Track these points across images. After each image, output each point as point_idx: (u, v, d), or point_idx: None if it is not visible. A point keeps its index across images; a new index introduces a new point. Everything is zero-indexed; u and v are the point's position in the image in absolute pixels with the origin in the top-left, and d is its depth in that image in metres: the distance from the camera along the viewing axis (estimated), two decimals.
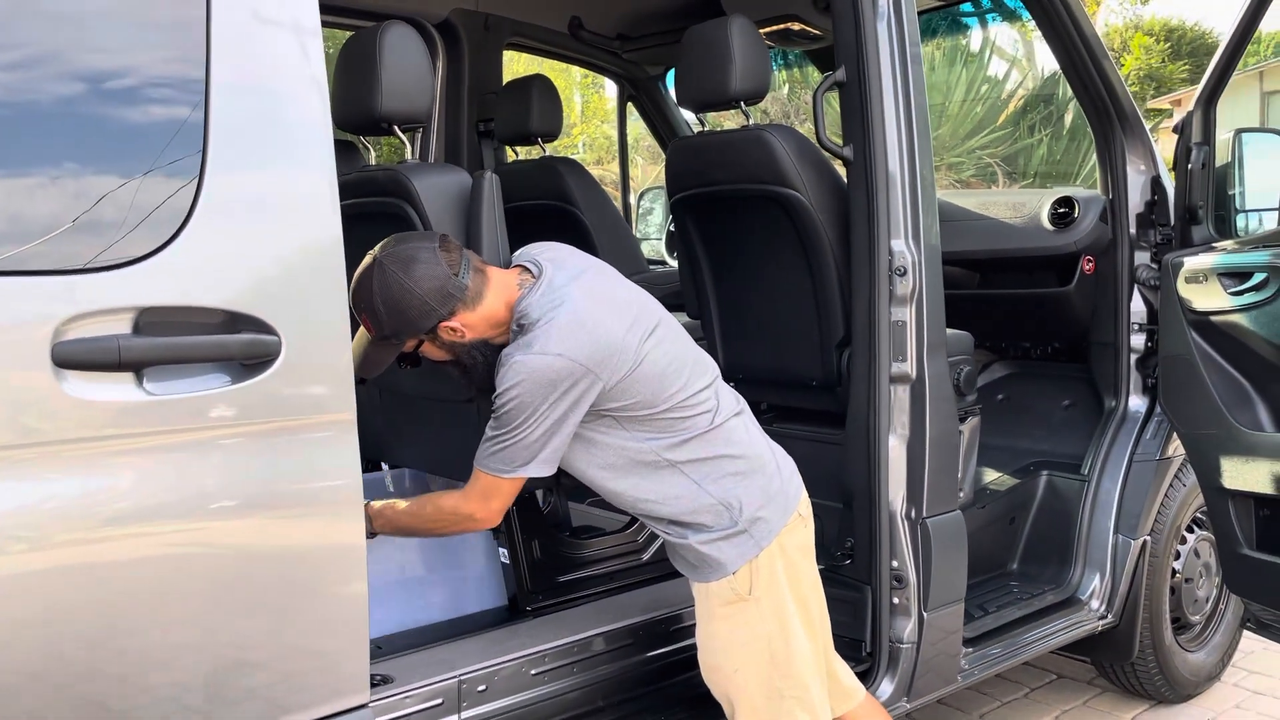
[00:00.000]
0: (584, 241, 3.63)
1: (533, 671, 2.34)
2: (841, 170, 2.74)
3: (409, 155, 2.34)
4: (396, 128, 2.29)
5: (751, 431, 2.19)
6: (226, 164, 1.44)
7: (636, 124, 4.75)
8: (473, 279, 2.02)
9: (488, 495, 2.06)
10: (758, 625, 2.12)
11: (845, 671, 2.37)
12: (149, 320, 1.37)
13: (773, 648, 2.12)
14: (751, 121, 2.78)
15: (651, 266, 3.88)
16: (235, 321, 1.44)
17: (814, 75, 4.60)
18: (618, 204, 4.73)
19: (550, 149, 3.73)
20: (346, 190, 2.46)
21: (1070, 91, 3.50)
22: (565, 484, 2.49)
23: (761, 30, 3.89)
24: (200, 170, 1.41)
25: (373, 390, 2.67)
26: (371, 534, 2.14)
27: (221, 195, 1.43)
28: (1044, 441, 3.62)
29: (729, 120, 3.51)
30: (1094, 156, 3.45)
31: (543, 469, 2.03)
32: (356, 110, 2.29)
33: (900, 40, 2.57)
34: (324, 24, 2.29)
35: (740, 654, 2.14)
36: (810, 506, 2.26)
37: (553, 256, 2.15)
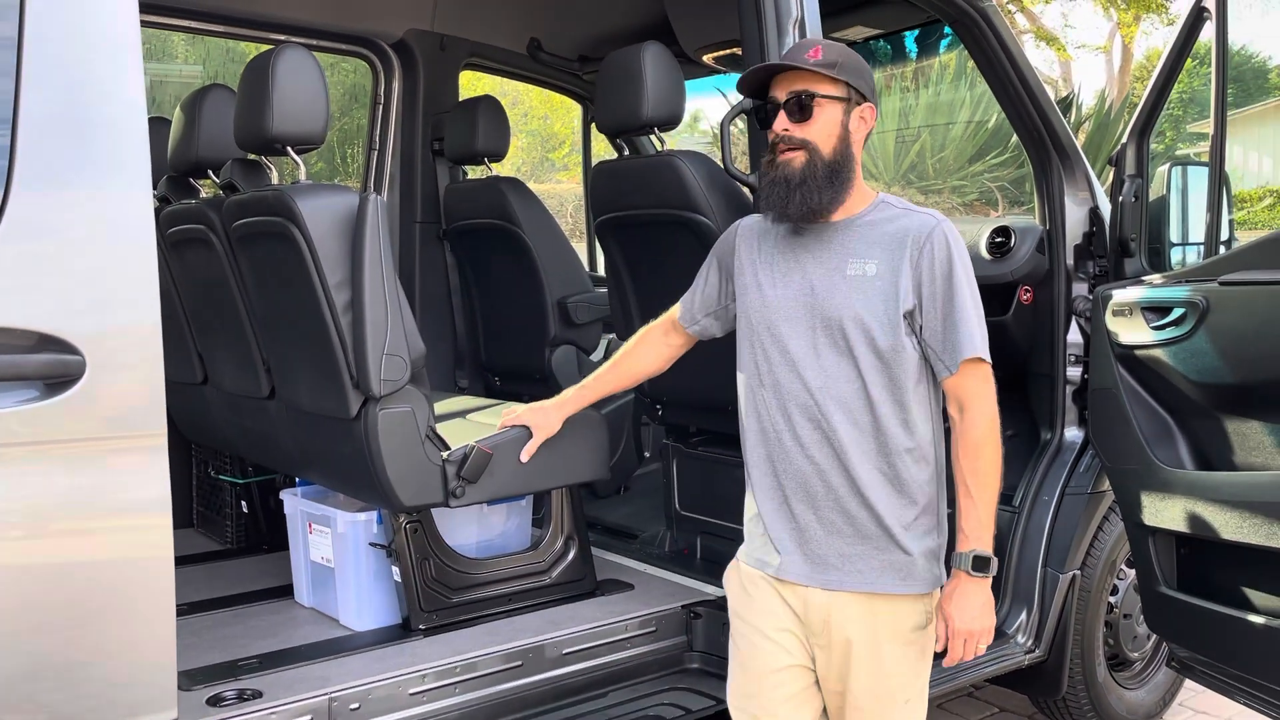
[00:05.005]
0: (526, 260, 3.66)
1: (411, 691, 2.35)
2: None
3: (302, 176, 2.38)
4: (290, 149, 2.33)
5: None
6: (33, 184, 1.47)
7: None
8: None
9: (990, 382, 2.00)
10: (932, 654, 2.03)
11: None
12: None
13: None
14: (665, 147, 2.79)
15: (598, 288, 3.89)
16: (40, 341, 1.48)
17: None
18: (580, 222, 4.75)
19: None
20: (240, 210, 2.53)
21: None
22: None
23: (712, 55, 3.94)
24: (4, 191, 1.44)
25: (280, 407, 2.71)
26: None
27: (26, 215, 1.46)
28: None
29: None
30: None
31: None
32: (252, 132, 2.34)
33: None
34: (276, 43, 2.35)
35: (917, 684, 2.04)
36: None
37: None
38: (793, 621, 2.02)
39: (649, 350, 2.36)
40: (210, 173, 2.82)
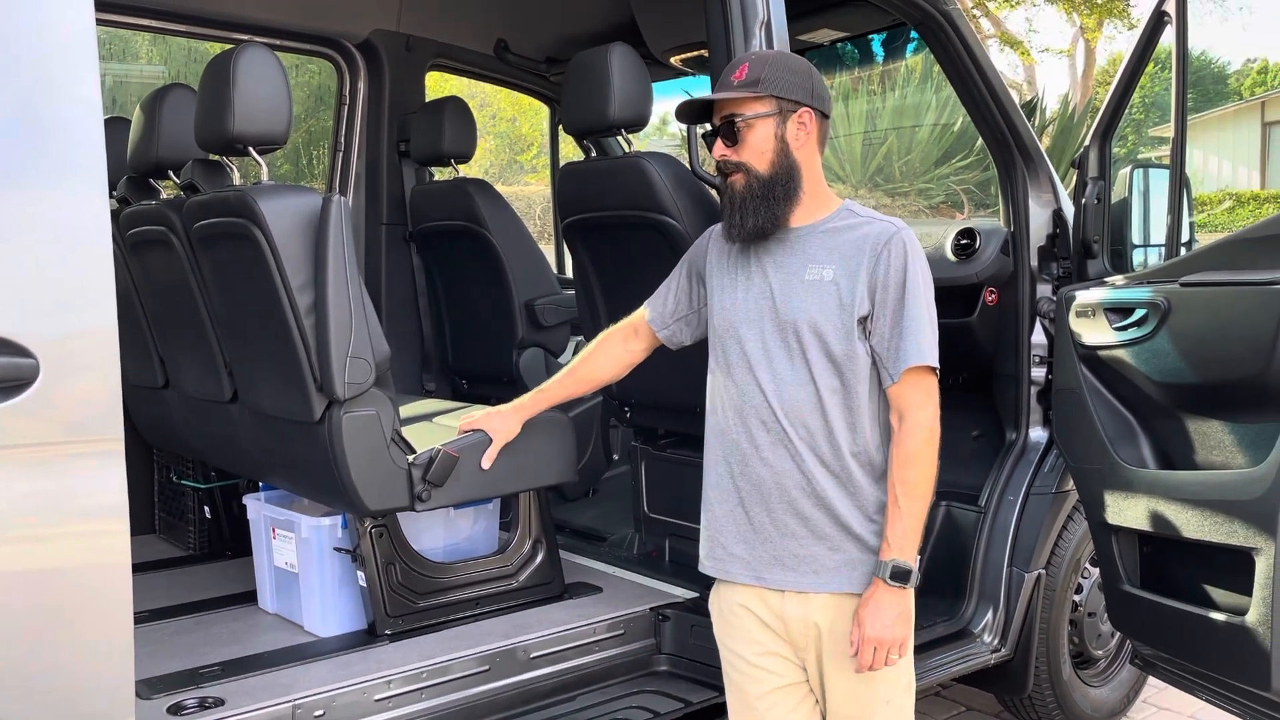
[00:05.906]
0: (493, 262, 3.64)
1: (377, 697, 2.32)
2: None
3: (264, 177, 2.35)
4: (252, 149, 2.31)
5: None
6: None
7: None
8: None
9: (932, 394, 1.95)
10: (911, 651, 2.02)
11: None
12: None
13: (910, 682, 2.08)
14: (632, 149, 2.79)
15: (565, 290, 3.88)
16: None
17: None
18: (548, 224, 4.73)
19: None
20: (201, 211, 2.50)
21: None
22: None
23: (680, 57, 3.94)
24: None
25: (242, 410, 2.68)
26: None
27: None
28: (949, 472, 3.56)
29: None
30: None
31: None
32: (213, 132, 2.31)
33: None
34: (240, 43, 2.32)
35: (900, 683, 2.04)
36: None
37: None
38: (775, 642, 2.03)
39: (607, 356, 2.36)
40: (171, 173, 2.78)
